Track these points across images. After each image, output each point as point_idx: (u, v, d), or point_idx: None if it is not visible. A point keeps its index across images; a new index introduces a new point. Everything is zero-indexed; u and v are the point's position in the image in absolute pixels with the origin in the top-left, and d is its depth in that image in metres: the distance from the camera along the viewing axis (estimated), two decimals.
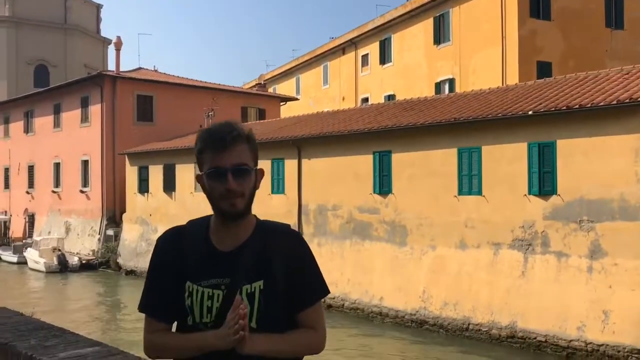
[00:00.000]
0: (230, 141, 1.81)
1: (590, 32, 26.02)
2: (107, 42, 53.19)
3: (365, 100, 34.33)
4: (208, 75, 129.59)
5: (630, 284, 12.06)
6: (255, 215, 1.92)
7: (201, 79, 33.29)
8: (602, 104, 12.59)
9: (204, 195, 1.84)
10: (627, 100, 12.14)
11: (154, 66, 34.60)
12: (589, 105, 12.81)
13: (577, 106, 12.98)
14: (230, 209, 1.81)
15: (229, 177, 1.80)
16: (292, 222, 19.90)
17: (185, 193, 24.15)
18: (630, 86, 13.07)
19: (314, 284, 1.89)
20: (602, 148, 12.75)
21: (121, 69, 30.75)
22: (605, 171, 12.66)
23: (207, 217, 1.93)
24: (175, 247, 1.88)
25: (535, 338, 13.16)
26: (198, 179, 1.89)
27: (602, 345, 12.14)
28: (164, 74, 33.46)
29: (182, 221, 1.98)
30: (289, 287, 1.84)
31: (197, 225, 1.91)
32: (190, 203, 23.39)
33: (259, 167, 1.90)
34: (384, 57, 33.46)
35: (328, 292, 1.93)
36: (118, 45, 31.32)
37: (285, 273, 1.84)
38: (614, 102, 12.39)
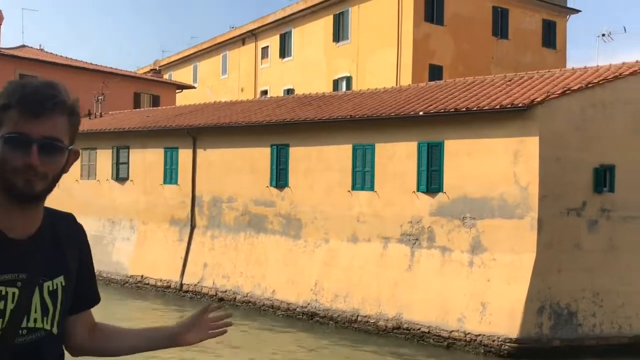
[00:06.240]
0: (50, 107, 1.45)
1: (478, 39, 27.55)
2: None
3: (265, 92, 34.21)
4: (100, 58, 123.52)
5: (506, 278, 12.92)
6: None
7: (92, 61, 31.69)
8: (486, 107, 13.37)
9: (90, 183, 1.60)
10: (509, 106, 12.98)
11: (40, 45, 32.40)
12: (474, 108, 13.56)
13: (464, 109, 13.70)
14: (25, 187, 1.45)
15: (33, 150, 1.44)
16: (185, 213, 19.46)
17: (71, 180, 22.89)
18: (512, 92, 13.98)
19: (95, 282, 1.78)
20: (485, 149, 13.54)
21: (2, 46, 28.54)
22: (487, 171, 13.46)
23: None
24: None
25: (419, 329, 13.77)
26: None
27: (479, 335, 12.92)
28: (51, 53, 31.44)
29: (60, 208, 1.80)
30: (77, 283, 1.66)
31: None
32: (73, 188, 22.20)
33: (76, 148, 1.56)
34: (284, 51, 33.49)
35: None
36: None
37: (76, 267, 1.65)
38: (497, 106, 13.21)
